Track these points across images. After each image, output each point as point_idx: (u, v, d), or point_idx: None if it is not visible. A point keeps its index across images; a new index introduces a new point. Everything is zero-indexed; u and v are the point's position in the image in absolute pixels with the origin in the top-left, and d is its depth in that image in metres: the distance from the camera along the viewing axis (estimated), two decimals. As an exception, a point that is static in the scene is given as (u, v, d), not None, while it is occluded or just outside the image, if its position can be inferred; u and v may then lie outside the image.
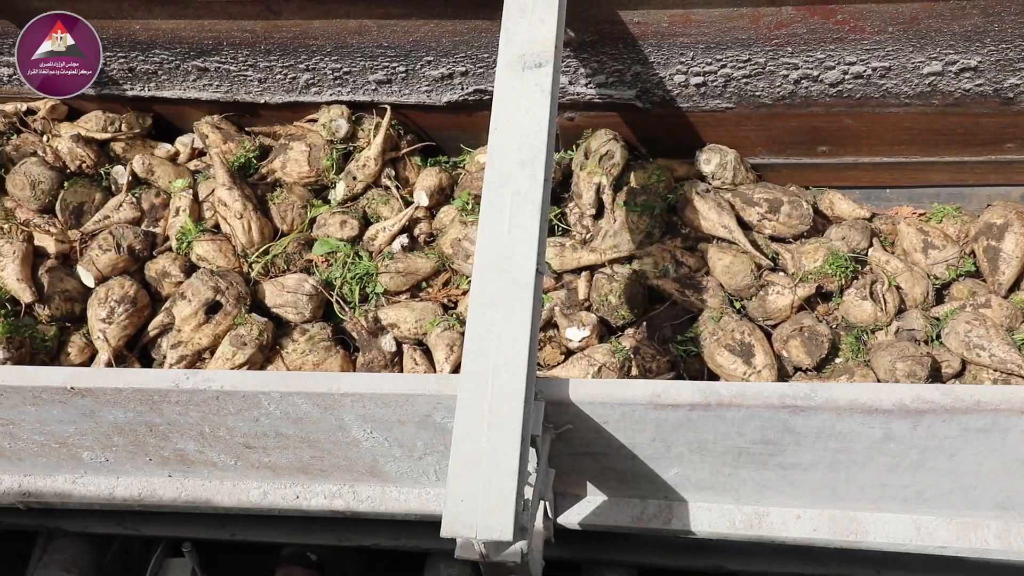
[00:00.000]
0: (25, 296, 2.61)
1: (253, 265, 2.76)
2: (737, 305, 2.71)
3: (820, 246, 2.70)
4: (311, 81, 2.91)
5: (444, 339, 2.57)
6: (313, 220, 2.89)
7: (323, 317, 2.74)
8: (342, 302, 2.71)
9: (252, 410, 1.98)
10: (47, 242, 2.77)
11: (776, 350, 2.57)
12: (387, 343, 2.62)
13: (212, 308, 2.59)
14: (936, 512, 2.18)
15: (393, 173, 2.99)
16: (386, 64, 2.78)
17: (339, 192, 2.94)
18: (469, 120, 2.97)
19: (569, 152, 2.95)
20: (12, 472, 2.46)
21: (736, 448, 1.97)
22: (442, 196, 2.97)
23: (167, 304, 2.66)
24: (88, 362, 2.67)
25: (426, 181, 2.96)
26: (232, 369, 2.48)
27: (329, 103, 2.99)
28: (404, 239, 2.84)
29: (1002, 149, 2.87)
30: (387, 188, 2.96)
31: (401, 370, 2.63)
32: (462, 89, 2.86)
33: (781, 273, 2.73)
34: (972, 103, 2.71)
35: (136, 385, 1.95)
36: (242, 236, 2.77)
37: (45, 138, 3.00)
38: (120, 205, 2.86)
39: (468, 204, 2.84)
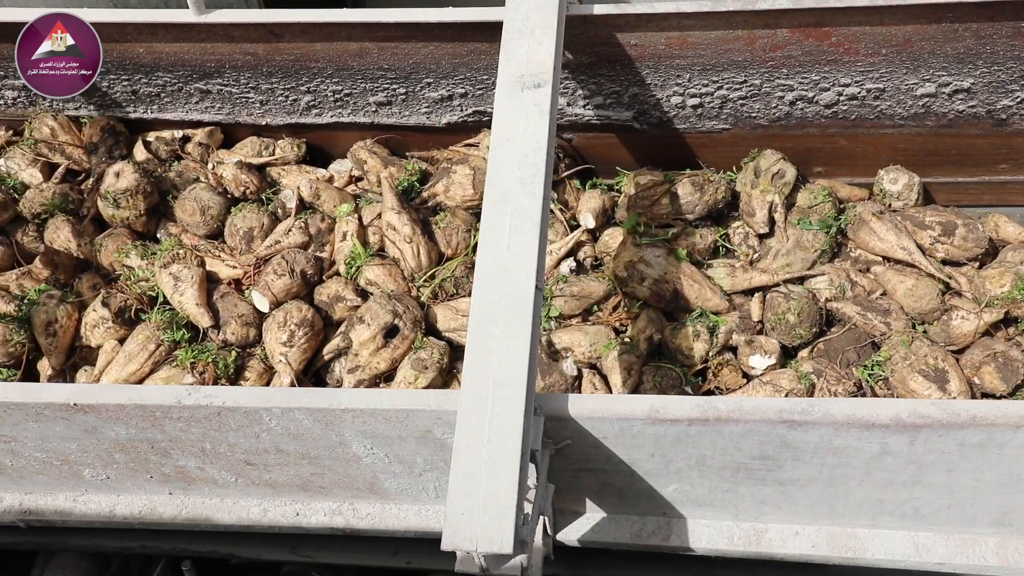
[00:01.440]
0: (204, 321, 2.59)
1: (422, 289, 2.71)
2: (919, 329, 2.61)
3: (1006, 271, 2.60)
4: (312, 103, 2.94)
5: (621, 363, 2.51)
6: (477, 243, 2.77)
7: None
8: None
9: (253, 426, 1.99)
10: (218, 267, 2.75)
11: (967, 376, 2.48)
12: (568, 367, 2.56)
13: (390, 332, 2.54)
14: (934, 528, 2.19)
15: (555, 196, 2.95)
16: (386, 86, 2.82)
17: None
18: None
19: (730, 173, 2.93)
20: (13, 490, 2.46)
21: (734, 463, 1.98)
22: (604, 219, 2.91)
23: (342, 328, 2.61)
24: (266, 386, 2.64)
25: (590, 203, 2.90)
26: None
27: (326, 126, 3.03)
28: (571, 262, 2.80)
29: (996, 170, 2.90)
30: (551, 211, 2.88)
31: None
32: (461, 110, 2.89)
33: (965, 297, 2.63)
34: (966, 124, 2.75)
35: (138, 401, 1.96)
36: (411, 260, 2.72)
37: (210, 165, 2.99)
38: (289, 230, 2.81)
39: (641, 226, 2.81)
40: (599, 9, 2.45)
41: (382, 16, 2.55)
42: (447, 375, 2.53)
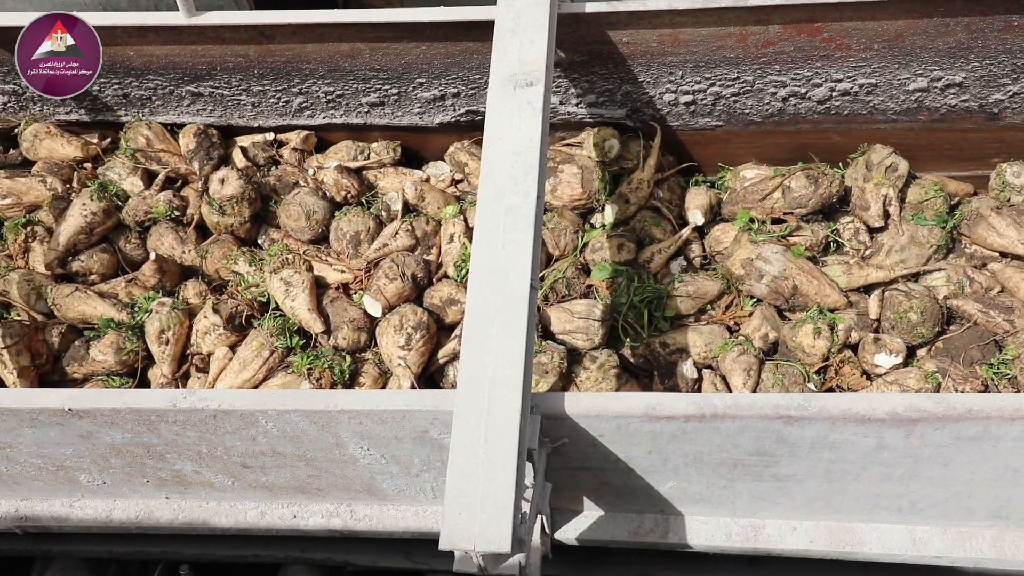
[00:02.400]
0: (316, 326, 2.57)
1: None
2: None
3: None
4: (304, 104, 2.94)
5: (740, 364, 2.48)
6: (586, 244, 2.79)
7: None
8: (631, 327, 2.62)
9: (249, 429, 1.99)
10: (325, 272, 2.74)
11: None
12: (688, 370, 2.53)
13: None
14: (931, 522, 2.19)
15: (660, 194, 2.92)
16: (378, 87, 2.82)
17: (609, 215, 2.84)
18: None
19: (837, 168, 2.89)
20: (9, 496, 2.45)
21: (731, 460, 1.98)
22: (710, 215, 2.89)
23: (457, 332, 2.60)
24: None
25: (697, 200, 2.89)
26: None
27: (318, 127, 3.03)
28: (681, 260, 2.79)
29: (989, 164, 2.90)
30: (657, 210, 2.90)
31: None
32: (454, 110, 2.89)
33: None
34: (958, 119, 2.75)
35: (134, 405, 1.95)
36: None
37: (311, 170, 2.97)
38: (396, 233, 2.77)
39: (755, 224, 2.78)
40: (591, 7, 2.45)
41: (373, 16, 2.55)
42: (566, 379, 2.50)
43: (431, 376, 2.62)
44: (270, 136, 3.07)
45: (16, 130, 3.08)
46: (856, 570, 2.35)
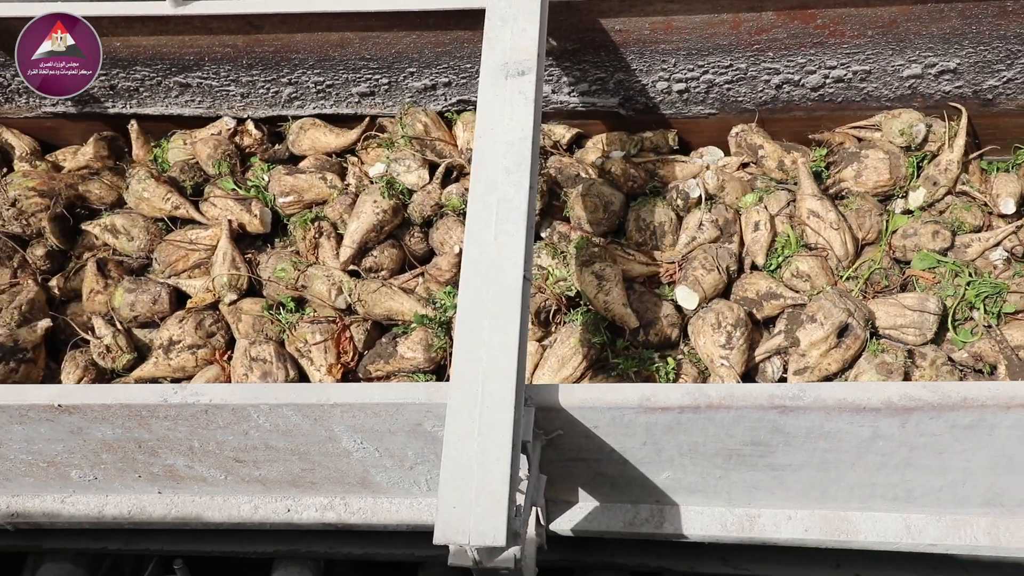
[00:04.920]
0: (631, 321, 2.48)
1: (848, 281, 2.57)
2: None
3: None
4: (294, 95, 2.91)
5: None
6: (893, 231, 2.69)
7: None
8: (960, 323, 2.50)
9: (242, 423, 1.97)
10: (629, 265, 2.62)
11: None
12: None
13: (841, 332, 2.39)
14: (926, 510, 2.19)
15: (966, 177, 2.79)
16: (369, 76, 2.79)
17: (917, 199, 2.72)
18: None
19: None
20: (0, 493, 2.44)
21: (726, 450, 1.97)
22: (1021, 202, 2.73)
23: (780, 327, 2.49)
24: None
25: (1008, 187, 2.72)
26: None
27: (310, 117, 3.00)
28: (1001, 251, 2.62)
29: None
30: (964, 194, 2.77)
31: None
32: (445, 99, 2.87)
33: None
34: (952, 105, 2.74)
35: (124, 401, 1.93)
36: (839, 249, 2.59)
37: (599, 160, 2.87)
38: (700, 224, 2.68)
39: None
40: (582, -5, 2.43)
41: (363, 5, 2.52)
42: (906, 380, 2.37)
43: (746, 374, 2.51)
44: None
45: (283, 125, 3.05)
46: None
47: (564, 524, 2.29)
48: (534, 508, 1.98)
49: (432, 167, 2.82)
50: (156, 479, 2.30)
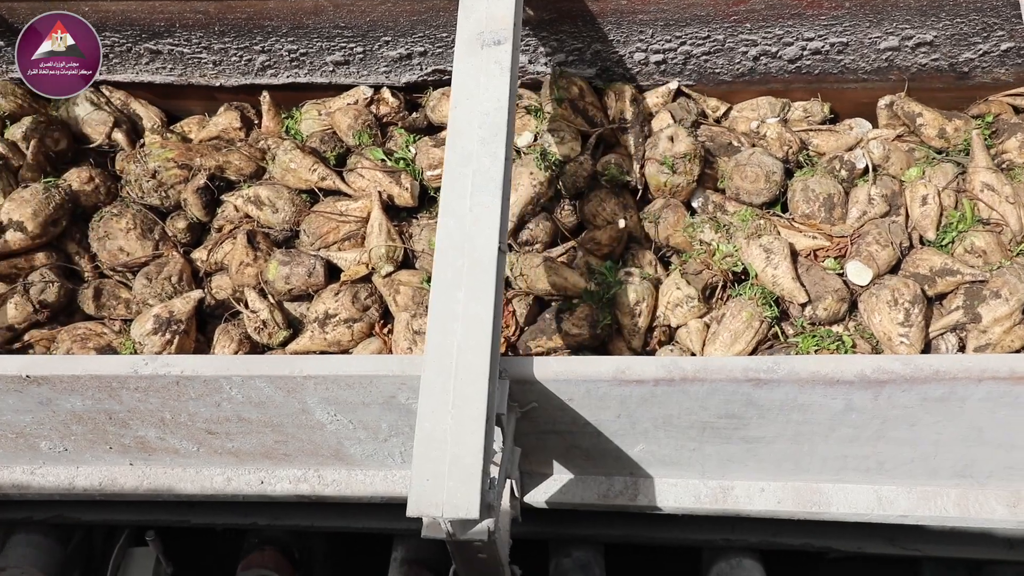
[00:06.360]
0: (800, 296, 2.41)
1: (1021, 256, 2.45)
2: None
3: None
4: (267, 63, 2.87)
5: None
6: None
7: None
8: None
9: (213, 395, 1.96)
10: (794, 238, 2.54)
11: None
12: None
13: None
14: (897, 481, 2.22)
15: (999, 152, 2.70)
16: (343, 45, 2.75)
17: None
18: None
19: None
20: (-32, 465, 2.42)
21: (701, 423, 1.98)
22: None
23: (958, 303, 2.40)
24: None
25: None
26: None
27: (281, 86, 2.95)
28: None
29: (957, 124, 2.90)
30: None
31: None
32: (421, 69, 2.84)
33: None
34: (928, 78, 2.74)
35: (94, 371, 1.91)
36: (1014, 224, 2.48)
37: (755, 125, 2.79)
38: (871, 198, 2.58)
39: None
40: (560, -37, 2.41)
41: (337, -28, 2.48)
42: None
43: (922, 351, 2.42)
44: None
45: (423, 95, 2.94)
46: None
47: (539, 496, 2.29)
48: (508, 480, 1.98)
49: (584, 137, 2.74)
50: (127, 451, 2.28)
